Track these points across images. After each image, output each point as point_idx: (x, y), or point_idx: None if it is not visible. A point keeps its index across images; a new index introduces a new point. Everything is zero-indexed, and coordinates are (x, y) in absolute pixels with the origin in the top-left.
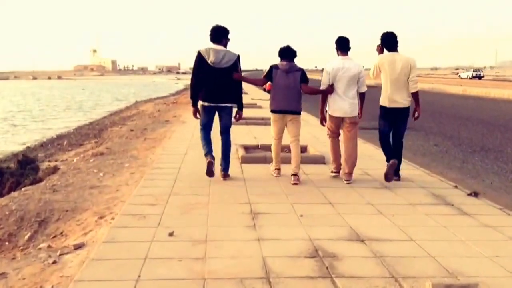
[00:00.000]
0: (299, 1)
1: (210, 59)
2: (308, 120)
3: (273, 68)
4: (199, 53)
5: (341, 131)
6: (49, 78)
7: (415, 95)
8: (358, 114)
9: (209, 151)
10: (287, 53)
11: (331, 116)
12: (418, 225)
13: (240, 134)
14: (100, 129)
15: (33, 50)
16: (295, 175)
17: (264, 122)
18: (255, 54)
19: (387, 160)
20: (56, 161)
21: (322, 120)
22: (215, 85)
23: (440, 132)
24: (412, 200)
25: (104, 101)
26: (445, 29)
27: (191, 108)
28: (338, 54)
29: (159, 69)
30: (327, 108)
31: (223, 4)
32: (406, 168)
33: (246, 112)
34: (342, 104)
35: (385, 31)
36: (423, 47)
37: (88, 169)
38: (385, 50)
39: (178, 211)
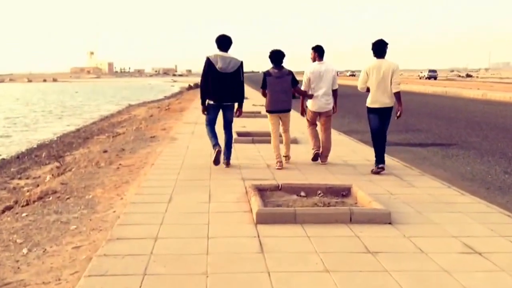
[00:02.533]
0: (290, 5)
1: (218, 65)
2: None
3: (266, 75)
4: (208, 59)
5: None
6: (44, 80)
7: (397, 95)
8: (333, 108)
9: (216, 143)
10: (277, 58)
11: (309, 110)
12: None
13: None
14: (85, 138)
15: (30, 52)
16: (286, 156)
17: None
18: (251, 58)
19: (376, 156)
20: (27, 178)
21: (303, 112)
22: (221, 87)
23: (497, 150)
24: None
25: (96, 105)
26: (440, 31)
27: (183, 119)
28: (316, 60)
29: (156, 71)
30: (307, 104)
31: (219, 7)
32: (499, 223)
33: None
34: (319, 101)
35: (377, 38)
36: (418, 49)
37: (10, 234)
38: (373, 57)
39: None
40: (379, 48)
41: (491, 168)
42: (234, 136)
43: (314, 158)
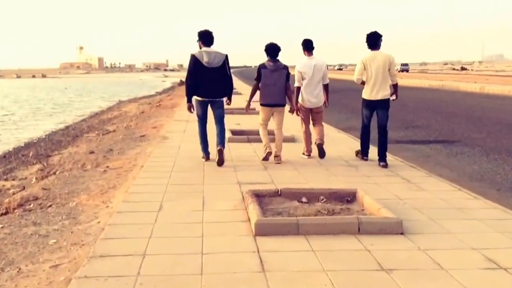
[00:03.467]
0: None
1: (205, 60)
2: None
3: (261, 68)
4: (194, 56)
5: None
6: (34, 76)
7: (395, 86)
8: (325, 103)
9: (205, 150)
10: (273, 51)
11: (301, 106)
12: None
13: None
14: (75, 135)
15: (19, 48)
16: (277, 156)
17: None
18: (243, 52)
19: (362, 151)
20: (13, 179)
21: (297, 110)
22: (208, 82)
23: (502, 147)
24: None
25: (87, 101)
26: (433, 23)
27: (175, 116)
28: (305, 55)
29: (147, 66)
30: (299, 100)
31: (211, 1)
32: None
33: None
34: (310, 97)
35: (371, 31)
36: (409, 42)
37: None
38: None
39: None
40: (374, 40)
41: (499, 167)
42: (229, 135)
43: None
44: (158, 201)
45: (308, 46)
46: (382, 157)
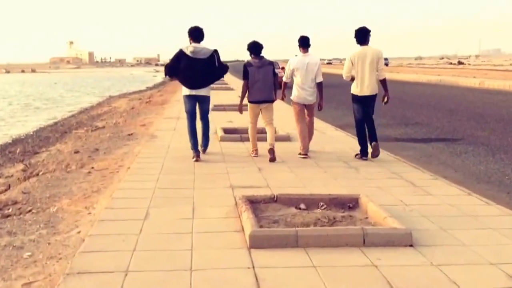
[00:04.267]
0: None
1: (189, 50)
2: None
3: (247, 66)
4: (180, 49)
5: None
6: (23, 71)
7: (383, 82)
8: (319, 106)
9: (195, 147)
10: (256, 49)
11: (294, 103)
12: None
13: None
14: (63, 132)
15: (8, 43)
16: (271, 149)
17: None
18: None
19: (360, 144)
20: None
21: (283, 96)
22: (193, 74)
23: (508, 146)
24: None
25: (77, 96)
26: (429, 17)
27: (165, 113)
28: (300, 51)
29: (137, 61)
30: (291, 97)
31: None
32: None
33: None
34: (304, 94)
35: (359, 26)
36: (406, 36)
37: None
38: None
39: None
40: (362, 36)
41: (506, 168)
42: (221, 133)
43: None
44: (144, 207)
45: (304, 43)
46: (373, 138)
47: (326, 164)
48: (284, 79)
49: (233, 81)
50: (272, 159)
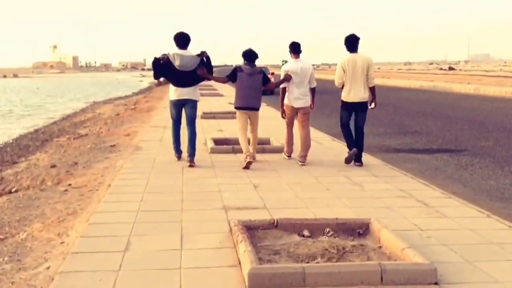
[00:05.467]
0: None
1: (176, 64)
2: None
3: (237, 70)
4: (167, 57)
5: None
6: (5, 76)
7: (372, 89)
8: (310, 105)
9: (177, 149)
10: (250, 57)
11: (288, 106)
12: None
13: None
14: (44, 140)
15: None
16: (252, 158)
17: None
18: (223, 51)
19: (348, 147)
20: None
21: (283, 113)
22: (181, 83)
23: None
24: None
25: (60, 103)
26: (417, 22)
27: (151, 121)
28: (292, 57)
29: (123, 65)
30: (285, 101)
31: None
32: None
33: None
34: (296, 98)
35: (348, 33)
36: (394, 42)
37: None
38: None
39: None
40: (352, 43)
41: None
42: (211, 145)
43: (246, 166)
44: (125, 235)
45: (295, 48)
46: (357, 158)
47: (328, 180)
48: (281, 85)
49: (222, 87)
50: (247, 167)
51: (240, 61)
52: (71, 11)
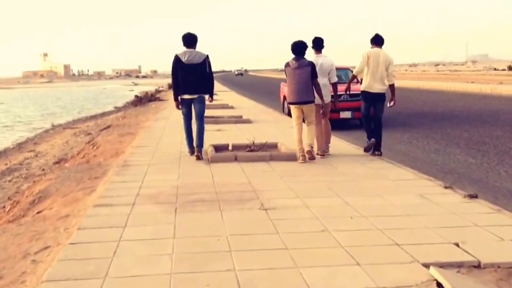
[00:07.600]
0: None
1: (184, 59)
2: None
3: (285, 66)
4: (176, 55)
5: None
6: None
7: (392, 87)
8: (333, 102)
9: (189, 144)
10: (295, 50)
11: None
12: None
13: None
14: None
15: None
16: (309, 150)
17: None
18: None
19: (368, 137)
20: None
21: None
22: (189, 79)
23: None
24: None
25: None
26: (416, 24)
27: (111, 188)
28: (314, 53)
29: (117, 73)
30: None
31: (186, 4)
32: None
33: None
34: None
35: (375, 33)
36: (394, 43)
37: None
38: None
39: None
40: (378, 40)
41: None
42: (211, 153)
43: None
44: None
45: (317, 44)
46: (377, 147)
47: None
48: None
49: (230, 98)
50: (311, 158)
51: (233, 67)
52: (63, 19)
